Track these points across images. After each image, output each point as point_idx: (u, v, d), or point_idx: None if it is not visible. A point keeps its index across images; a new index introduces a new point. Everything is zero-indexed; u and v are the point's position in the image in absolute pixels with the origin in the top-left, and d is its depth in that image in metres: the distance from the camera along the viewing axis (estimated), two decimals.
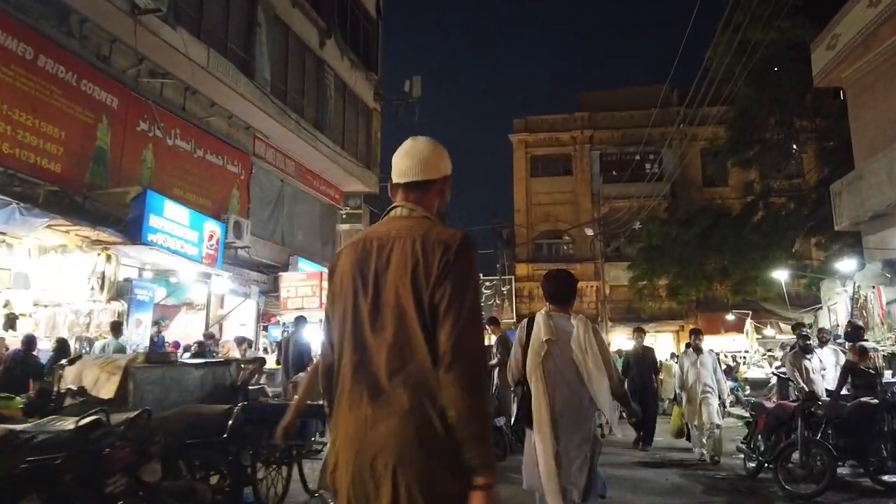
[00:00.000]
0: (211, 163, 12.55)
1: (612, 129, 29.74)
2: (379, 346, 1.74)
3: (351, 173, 17.22)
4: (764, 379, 13.94)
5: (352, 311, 1.80)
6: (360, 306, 1.78)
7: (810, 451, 5.64)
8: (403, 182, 1.93)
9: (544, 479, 3.55)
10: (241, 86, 12.16)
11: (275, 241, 14.97)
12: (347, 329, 1.80)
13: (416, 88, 18.68)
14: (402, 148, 1.98)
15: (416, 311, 1.71)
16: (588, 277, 28.81)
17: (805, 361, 7.22)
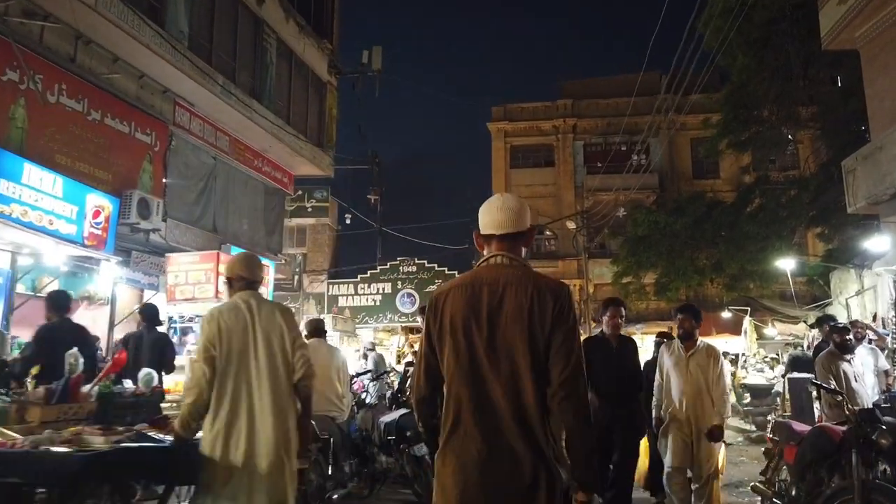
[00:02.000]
0: (112, 129, 10.50)
1: (597, 117, 27.98)
2: (496, 380, 2.05)
3: (299, 153, 15.20)
4: (766, 386, 12.08)
5: (465, 347, 2.10)
6: (475, 343, 2.09)
7: (872, 501, 3.67)
8: (500, 233, 2.23)
9: None
10: (148, 36, 10.13)
11: (203, 227, 12.91)
12: (463, 363, 2.10)
13: (375, 60, 16.75)
14: (492, 202, 2.31)
15: (528, 351, 2.05)
16: (571, 275, 26.97)
17: (843, 364, 5.25)
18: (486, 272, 2.20)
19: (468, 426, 2.04)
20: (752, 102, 15.95)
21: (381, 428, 5.65)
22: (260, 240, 15.15)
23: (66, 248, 8.40)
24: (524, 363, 2.04)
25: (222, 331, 3.07)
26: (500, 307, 2.09)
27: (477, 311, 2.09)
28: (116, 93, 10.62)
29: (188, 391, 3.09)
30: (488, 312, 2.09)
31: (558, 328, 2.06)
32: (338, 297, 26.84)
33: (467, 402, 2.06)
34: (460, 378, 2.08)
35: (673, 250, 17.37)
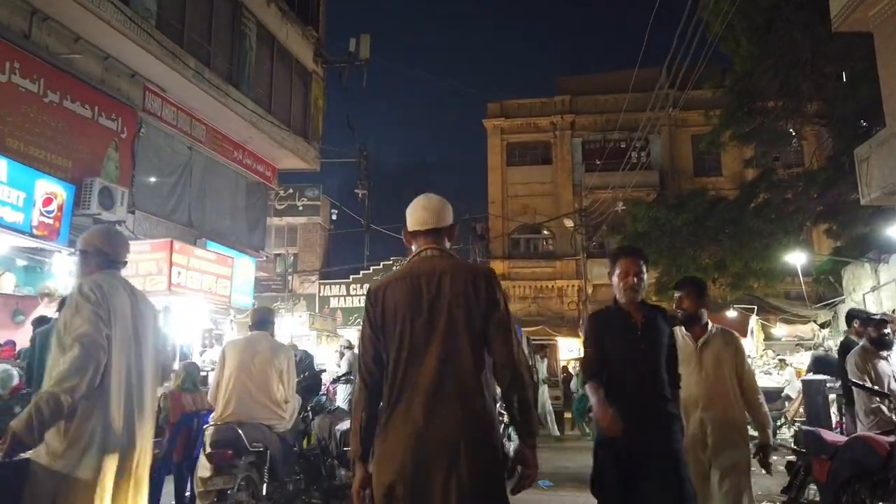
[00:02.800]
0: (73, 112, 9.78)
1: (595, 113, 27.21)
2: (437, 358, 2.26)
3: (282, 144, 14.48)
4: (775, 389, 11.32)
5: (409, 331, 2.30)
6: (416, 328, 2.30)
7: None
8: (424, 229, 2.49)
9: None
10: (110, 13, 9.42)
11: (177, 221, 12.18)
12: (405, 345, 2.30)
13: (363, 49, 16.04)
14: (417, 202, 2.54)
15: (467, 331, 2.28)
16: (569, 276, 26.26)
17: (881, 363, 4.40)
18: (420, 264, 2.42)
19: (410, 403, 2.23)
20: (756, 92, 15.19)
21: (338, 437, 4.92)
22: (241, 236, 14.42)
23: (11, 238, 7.66)
24: (465, 342, 2.26)
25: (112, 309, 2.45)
26: (438, 293, 2.31)
27: (418, 299, 2.31)
28: (78, 74, 9.92)
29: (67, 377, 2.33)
30: (428, 299, 2.31)
31: (493, 308, 2.31)
32: (329, 299, 26.12)
33: (411, 381, 2.25)
34: (406, 359, 2.28)
35: (674, 247, 16.56)
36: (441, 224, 2.49)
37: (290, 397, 4.31)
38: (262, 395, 4.14)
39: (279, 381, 4.20)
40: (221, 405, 4.11)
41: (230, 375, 4.14)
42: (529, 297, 26.49)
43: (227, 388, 4.11)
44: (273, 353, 4.32)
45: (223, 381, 4.16)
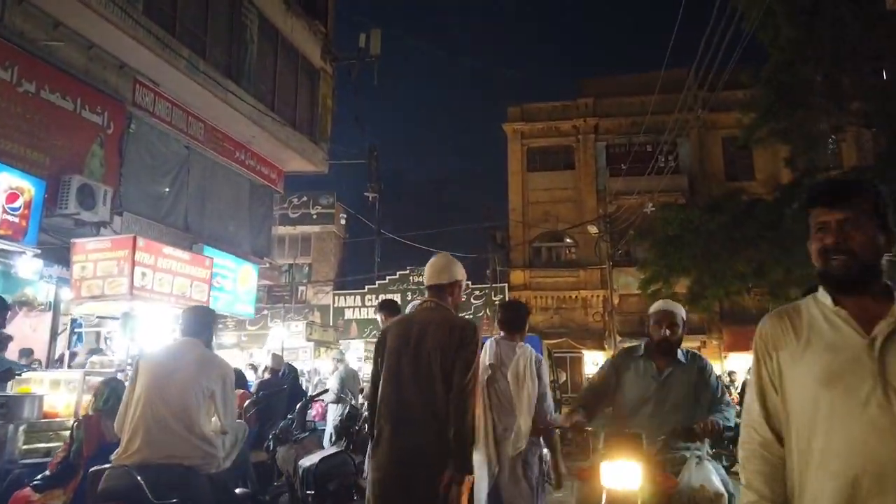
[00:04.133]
0: (51, 104, 9.00)
1: (620, 116, 26.12)
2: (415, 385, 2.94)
3: (287, 145, 13.64)
4: None
5: (395, 362, 3.03)
6: (402, 361, 3.01)
7: None
8: (427, 284, 3.26)
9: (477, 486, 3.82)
10: None
11: (171, 225, 11.36)
12: (392, 372, 3.02)
13: (374, 44, 15.20)
14: (429, 261, 3.29)
15: (440, 368, 2.93)
16: (594, 285, 25.11)
17: None
18: (418, 313, 3.25)
19: (389, 423, 2.96)
20: (796, 84, 14.03)
21: (301, 474, 3.92)
22: (243, 241, 13.57)
23: None
24: (438, 375, 2.93)
25: None
26: (423, 338, 3.01)
27: (407, 339, 3.03)
28: (58, 63, 9.15)
29: None
30: (415, 341, 3.01)
31: (460, 352, 2.94)
32: (344, 310, 25.23)
33: (391, 401, 2.97)
34: (388, 383, 3.01)
35: (708, 252, 15.38)
36: (442, 281, 3.18)
37: (229, 427, 3.32)
38: (180, 426, 3.11)
39: (209, 405, 3.21)
40: (126, 439, 3.10)
41: (139, 398, 3.17)
42: (552, 308, 25.37)
43: (133, 415, 3.14)
44: (200, 368, 3.29)
45: (131, 405, 3.18)
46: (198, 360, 3.35)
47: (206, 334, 3.48)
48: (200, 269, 8.01)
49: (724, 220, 15.10)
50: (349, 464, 4.02)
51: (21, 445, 4.54)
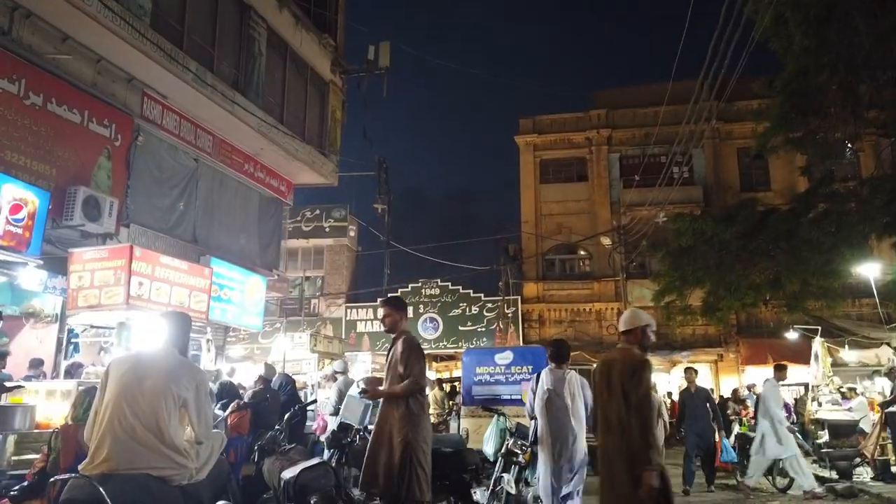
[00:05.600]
0: (58, 117, 9.06)
1: (634, 127, 25.94)
2: (608, 404, 3.97)
3: (296, 157, 13.66)
4: (848, 422, 9.80)
5: (599, 389, 4.14)
6: (602, 384, 4.08)
7: None
8: (619, 331, 4.30)
9: (540, 473, 5.74)
10: (96, 8, 8.71)
11: (179, 237, 11.38)
12: (599, 397, 4.18)
13: (383, 57, 15.23)
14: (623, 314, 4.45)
15: (621, 390, 3.86)
16: (608, 298, 24.83)
17: None
18: (611, 353, 4.35)
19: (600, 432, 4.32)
20: (811, 92, 13.79)
21: (281, 485, 3.81)
22: (252, 254, 13.57)
23: None
24: (620, 395, 3.91)
25: None
26: (611, 370, 4.05)
27: (603, 372, 4.15)
28: (66, 76, 9.22)
29: None
30: (607, 372, 4.08)
31: (633, 379, 3.88)
32: (356, 323, 25.19)
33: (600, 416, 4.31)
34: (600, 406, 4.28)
35: (723, 263, 15.06)
36: (627, 328, 4.17)
37: (204, 437, 3.22)
38: (149, 436, 2.99)
39: (182, 414, 3.11)
40: (92, 448, 3.01)
41: (107, 406, 3.06)
42: (565, 321, 25.12)
43: (101, 423, 3.04)
44: (172, 375, 3.15)
45: (99, 413, 3.09)
46: (169, 367, 3.24)
47: (181, 341, 3.40)
48: (200, 279, 7.97)
49: (737, 231, 14.80)
50: (330, 476, 3.90)
51: (10, 456, 4.49)
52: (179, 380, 3.18)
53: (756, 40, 12.46)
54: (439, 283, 25.03)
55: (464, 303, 24.75)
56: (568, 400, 5.67)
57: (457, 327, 24.38)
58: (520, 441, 5.69)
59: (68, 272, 7.34)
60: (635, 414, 3.73)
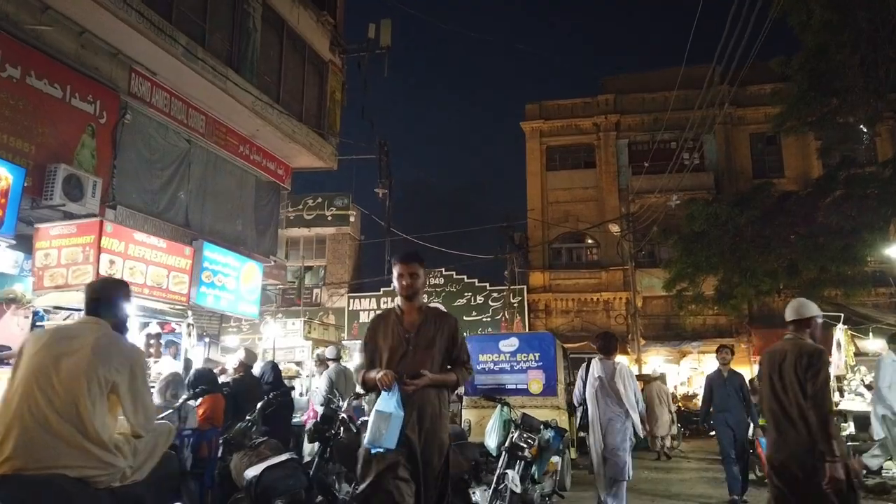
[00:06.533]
0: (38, 91, 8.55)
1: (643, 113, 25.31)
2: (784, 394, 3.87)
3: (293, 139, 13.13)
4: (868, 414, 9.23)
5: (769, 380, 3.97)
6: (774, 377, 3.93)
7: None
8: (787, 320, 4.11)
9: (593, 458, 6.09)
10: None
11: (170, 220, 10.89)
12: (771, 388, 3.97)
13: (384, 36, 14.68)
14: (790, 303, 4.21)
15: (797, 380, 3.77)
16: (616, 287, 24.29)
17: None
18: (781, 344, 4.08)
19: (773, 427, 4.17)
20: (830, 70, 13.21)
21: (244, 484, 3.30)
22: (248, 239, 13.08)
23: None
24: (796, 387, 3.84)
25: None
26: (784, 361, 3.91)
27: (773, 362, 4.00)
28: (47, 49, 8.70)
29: None
30: (779, 363, 3.97)
31: (810, 370, 3.79)
32: (359, 312, 24.76)
33: (772, 409, 4.04)
34: (768, 396, 4.17)
35: (737, 249, 14.56)
36: (796, 318, 4.12)
37: (143, 429, 2.66)
38: (68, 428, 2.44)
39: (112, 403, 2.59)
40: None
41: (15, 391, 2.52)
42: (573, 311, 24.60)
43: (9, 413, 2.48)
44: (98, 354, 2.58)
45: (9, 400, 2.52)
46: (95, 345, 2.63)
47: (114, 313, 2.84)
48: (180, 259, 7.48)
49: (753, 215, 14.30)
50: (299, 475, 3.40)
51: None
52: (109, 359, 2.62)
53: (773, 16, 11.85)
54: (444, 272, 24.55)
55: (469, 292, 24.27)
56: (620, 387, 5.91)
57: (462, 317, 23.86)
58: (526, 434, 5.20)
59: (33, 249, 6.86)
60: (814, 406, 3.64)
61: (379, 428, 3.16)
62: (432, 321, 3.60)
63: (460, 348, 3.63)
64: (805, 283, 14.91)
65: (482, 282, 24.34)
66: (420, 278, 3.67)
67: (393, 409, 3.19)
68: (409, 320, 3.59)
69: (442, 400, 3.49)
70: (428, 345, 3.51)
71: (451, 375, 3.55)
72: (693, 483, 9.13)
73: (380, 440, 3.14)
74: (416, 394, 3.32)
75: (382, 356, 3.50)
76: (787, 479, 3.74)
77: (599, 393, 6.01)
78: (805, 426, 3.69)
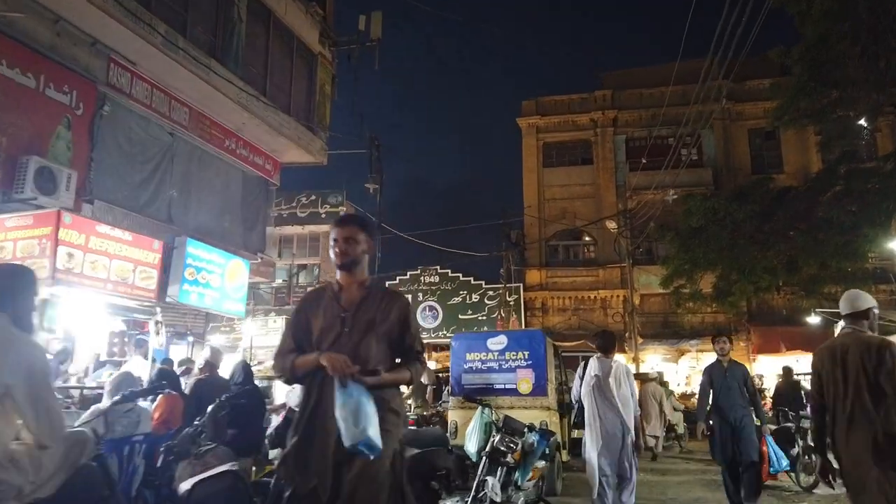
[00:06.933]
0: (10, 81, 8.26)
1: (640, 108, 24.98)
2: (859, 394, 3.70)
3: (281, 132, 12.82)
4: None
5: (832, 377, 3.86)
6: (836, 374, 3.82)
7: None
8: (844, 314, 3.95)
9: (588, 455, 5.84)
10: None
11: (152, 216, 10.58)
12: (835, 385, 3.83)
13: (374, 28, 14.36)
14: (844, 295, 4.04)
15: (864, 377, 3.72)
16: (613, 285, 23.99)
17: None
18: (840, 338, 3.99)
19: (845, 422, 3.79)
20: (830, 60, 12.91)
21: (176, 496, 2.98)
22: (235, 236, 12.78)
23: None
24: (864, 383, 3.65)
25: None
26: (846, 356, 3.72)
27: (834, 358, 3.79)
28: (18, 36, 8.40)
29: None
30: (840, 359, 3.76)
31: (880, 365, 3.59)
32: None
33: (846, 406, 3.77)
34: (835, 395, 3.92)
35: (735, 245, 14.25)
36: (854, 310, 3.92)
37: (49, 439, 2.33)
38: None
39: (6, 408, 2.27)
40: None
41: None
42: (569, 309, 24.30)
43: None
44: None
45: None
46: None
47: (13, 305, 2.53)
48: (148, 252, 7.18)
49: (752, 210, 13.99)
50: (239, 489, 3.09)
51: None
52: (1, 359, 2.32)
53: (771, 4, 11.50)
54: (439, 270, 24.24)
55: (464, 290, 23.96)
56: (614, 387, 5.80)
57: (457, 316, 23.60)
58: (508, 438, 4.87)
59: None
60: (893, 403, 3.45)
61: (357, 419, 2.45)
62: (377, 299, 2.89)
63: (413, 336, 2.91)
64: (805, 280, 14.63)
65: (478, 280, 24.04)
66: (360, 245, 2.91)
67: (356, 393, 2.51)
68: (347, 297, 2.88)
69: (389, 407, 2.75)
70: (368, 327, 2.80)
71: (405, 373, 2.84)
72: (690, 486, 8.84)
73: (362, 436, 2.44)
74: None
75: (312, 339, 2.83)
76: (858, 481, 3.57)
77: (596, 391, 5.90)
78: (877, 425, 3.48)
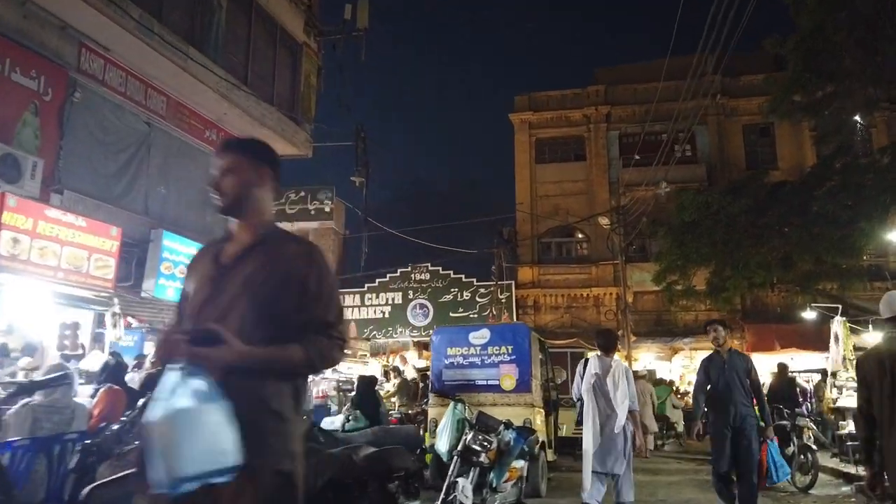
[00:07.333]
0: None
1: (633, 104, 24.70)
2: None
3: (263, 123, 12.46)
4: None
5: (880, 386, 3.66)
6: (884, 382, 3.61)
7: None
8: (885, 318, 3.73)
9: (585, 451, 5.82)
10: None
11: (127, 207, 10.23)
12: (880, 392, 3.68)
13: (361, 17, 14.00)
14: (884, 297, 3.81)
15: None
16: (606, 282, 23.72)
17: None
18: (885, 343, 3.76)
19: None
20: (826, 50, 12.64)
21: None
22: (216, 229, 12.39)
23: None
24: None
25: None
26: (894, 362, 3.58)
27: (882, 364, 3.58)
28: None
29: None
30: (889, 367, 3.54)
31: None
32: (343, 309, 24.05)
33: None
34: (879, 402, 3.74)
35: (730, 240, 13.97)
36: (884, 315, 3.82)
37: None
38: None
39: None
40: None
41: None
42: (562, 307, 24.02)
43: None
44: None
45: None
46: None
47: None
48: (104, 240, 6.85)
49: (746, 204, 13.70)
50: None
51: None
52: None
53: None
54: (429, 267, 23.92)
55: (455, 288, 23.65)
56: (612, 386, 5.78)
57: (448, 313, 23.26)
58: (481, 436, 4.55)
59: None
60: None
61: (175, 440, 1.63)
62: (266, 250, 2.02)
63: (316, 300, 1.95)
64: (799, 276, 14.36)
65: (469, 277, 23.73)
66: (242, 175, 2.07)
67: (192, 399, 1.68)
68: (232, 248, 2.07)
69: (269, 408, 1.87)
70: (243, 287, 1.94)
71: (292, 351, 1.87)
72: (681, 486, 8.54)
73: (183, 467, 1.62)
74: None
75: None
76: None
77: (595, 390, 5.88)
78: None
